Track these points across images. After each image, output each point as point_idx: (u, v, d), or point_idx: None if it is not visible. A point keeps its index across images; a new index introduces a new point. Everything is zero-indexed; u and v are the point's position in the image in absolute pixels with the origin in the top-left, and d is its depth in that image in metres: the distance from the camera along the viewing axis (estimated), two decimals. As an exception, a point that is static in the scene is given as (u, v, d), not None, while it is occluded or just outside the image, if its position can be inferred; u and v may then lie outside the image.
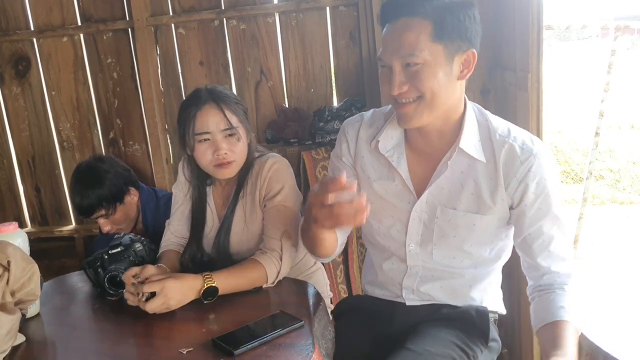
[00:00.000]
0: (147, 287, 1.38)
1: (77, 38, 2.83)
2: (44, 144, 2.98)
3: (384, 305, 1.54)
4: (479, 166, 1.33)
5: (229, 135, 1.61)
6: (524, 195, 1.31)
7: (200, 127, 1.60)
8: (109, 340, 1.36)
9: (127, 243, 1.61)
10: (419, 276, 1.47)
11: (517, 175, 1.30)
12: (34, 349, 1.32)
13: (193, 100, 1.63)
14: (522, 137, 1.33)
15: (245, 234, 1.70)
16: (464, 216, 1.36)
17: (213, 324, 1.35)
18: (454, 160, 1.34)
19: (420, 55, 1.23)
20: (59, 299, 1.61)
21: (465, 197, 1.35)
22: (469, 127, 1.34)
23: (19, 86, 2.92)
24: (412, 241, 1.43)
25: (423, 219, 1.40)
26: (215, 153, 1.60)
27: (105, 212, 2.19)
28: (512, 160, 1.30)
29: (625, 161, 6.60)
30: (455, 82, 1.28)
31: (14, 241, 1.38)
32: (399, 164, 1.40)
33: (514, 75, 2.00)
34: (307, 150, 2.43)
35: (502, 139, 1.32)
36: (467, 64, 1.28)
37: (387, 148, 1.41)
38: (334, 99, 2.71)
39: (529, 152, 1.30)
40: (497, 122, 1.37)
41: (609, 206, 5.49)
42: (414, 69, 1.24)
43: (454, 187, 1.36)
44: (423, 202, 1.39)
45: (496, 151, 1.32)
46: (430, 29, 1.22)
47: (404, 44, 1.24)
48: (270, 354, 1.18)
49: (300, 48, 2.66)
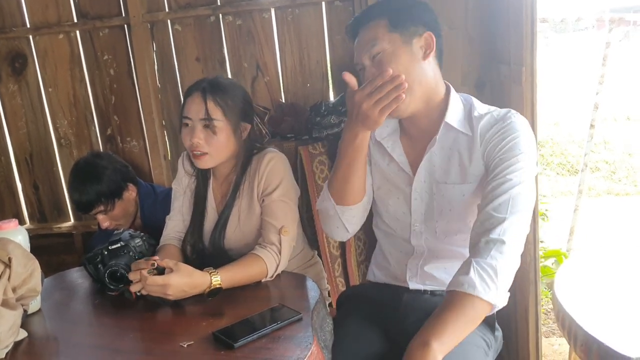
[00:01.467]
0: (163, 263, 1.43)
1: (73, 35, 2.82)
2: (42, 141, 2.98)
3: (388, 293, 1.57)
4: (462, 138, 1.44)
5: (205, 125, 1.64)
6: (494, 147, 1.39)
7: (185, 110, 1.68)
8: (110, 335, 1.37)
9: (127, 239, 1.62)
10: (423, 257, 1.53)
11: (490, 136, 1.40)
12: (36, 344, 1.34)
13: (193, 87, 1.70)
14: (500, 110, 1.45)
15: (242, 229, 1.72)
16: (453, 188, 1.46)
17: (213, 317, 1.37)
18: (442, 135, 1.45)
19: (380, 44, 1.39)
20: (59, 295, 1.62)
21: (452, 170, 1.45)
22: (454, 104, 1.46)
23: (16, 83, 2.92)
24: (417, 220, 1.52)
25: (424, 198, 1.50)
26: (191, 139, 1.65)
27: (103, 208, 2.21)
28: (488, 126, 1.42)
29: (620, 153, 6.63)
30: (420, 62, 1.41)
31: (14, 238, 1.40)
32: (394, 149, 1.53)
33: (508, 69, 2.02)
34: (304, 145, 2.44)
35: (482, 115, 1.44)
36: (428, 45, 1.41)
37: (382, 135, 1.55)
38: (330, 94, 2.72)
39: (502, 118, 1.41)
40: (480, 104, 1.49)
41: (605, 198, 5.51)
42: (378, 58, 1.40)
43: (443, 161, 1.46)
44: (420, 181, 1.49)
45: (475, 124, 1.43)
46: (386, 23, 1.40)
47: (366, 41, 1.43)
48: (270, 347, 1.19)
49: (296, 43, 2.67)
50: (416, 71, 1.40)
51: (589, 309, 1.66)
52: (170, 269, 1.42)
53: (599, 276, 1.90)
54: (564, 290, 1.79)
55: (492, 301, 1.23)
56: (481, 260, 1.24)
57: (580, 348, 1.56)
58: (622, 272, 1.90)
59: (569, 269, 1.99)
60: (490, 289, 1.22)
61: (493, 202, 1.31)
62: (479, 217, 1.33)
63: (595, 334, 1.50)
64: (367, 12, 1.47)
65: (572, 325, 1.61)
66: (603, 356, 1.45)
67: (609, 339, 1.46)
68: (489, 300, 1.22)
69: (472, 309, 1.22)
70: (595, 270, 1.95)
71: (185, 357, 1.19)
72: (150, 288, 1.39)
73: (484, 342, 1.44)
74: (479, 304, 1.22)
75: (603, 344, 1.46)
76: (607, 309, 1.67)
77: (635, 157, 6.48)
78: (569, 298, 1.72)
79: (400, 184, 1.54)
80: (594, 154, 6.22)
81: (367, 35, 1.43)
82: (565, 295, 1.75)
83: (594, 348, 1.49)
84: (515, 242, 1.28)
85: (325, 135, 2.46)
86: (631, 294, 1.75)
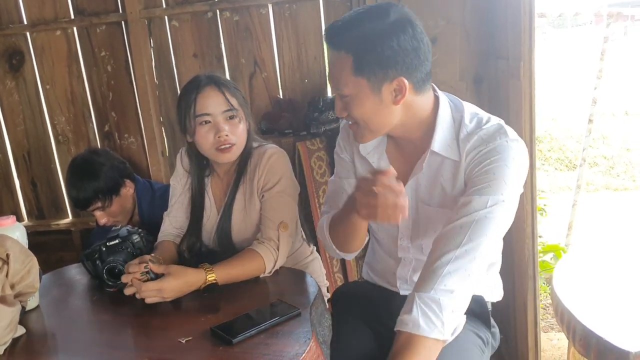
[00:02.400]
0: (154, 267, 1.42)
1: (70, 31, 2.81)
2: (39, 138, 2.97)
3: (382, 293, 1.56)
4: (448, 163, 1.33)
5: (229, 117, 1.63)
6: (473, 169, 1.28)
7: (200, 108, 1.61)
8: (108, 331, 1.37)
9: (125, 235, 1.62)
10: (412, 267, 1.49)
11: (472, 158, 1.29)
12: (34, 340, 1.34)
13: (194, 85, 1.65)
14: (489, 127, 1.30)
15: (246, 223, 1.72)
16: (437, 212, 1.37)
17: (211, 313, 1.36)
18: (428, 160, 1.35)
19: (345, 89, 1.27)
20: (57, 291, 1.62)
21: (436, 193, 1.37)
22: (441, 127, 1.33)
23: (13, 80, 2.91)
24: (404, 236, 1.46)
25: (411, 215, 1.41)
26: (217, 135, 1.61)
27: (101, 204, 2.20)
28: (473, 151, 1.29)
29: (619, 148, 6.63)
30: (390, 107, 1.28)
31: (12, 234, 1.40)
32: (379, 165, 1.43)
33: (506, 64, 2.02)
34: (302, 140, 2.44)
35: (469, 134, 1.31)
36: (400, 89, 1.26)
37: (367, 150, 1.45)
38: (328, 90, 2.71)
39: (489, 139, 1.28)
40: (472, 116, 1.34)
41: (603, 193, 5.52)
42: (344, 100, 1.30)
43: (429, 182, 1.38)
44: (406, 200, 1.39)
45: (461, 147, 1.31)
46: (351, 64, 1.24)
47: (332, 78, 1.32)
48: (268, 342, 1.19)
49: (294, 39, 2.66)
50: (383, 117, 1.30)
51: (587, 303, 1.66)
52: (163, 274, 1.42)
53: (597, 271, 1.90)
54: (562, 285, 1.79)
55: (439, 338, 1.17)
56: (424, 295, 1.18)
57: (579, 343, 1.56)
58: (620, 267, 1.90)
59: (567, 263, 1.99)
60: (435, 326, 1.16)
61: (454, 224, 1.23)
62: (437, 237, 1.26)
63: (594, 329, 1.51)
64: (335, 35, 1.27)
65: (570, 319, 1.61)
66: (602, 350, 1.45)
67: (607, 334, 1.47)
68: (435, 338, 1.17)
69: (423, 348, 1.16)
70: (593, 265, 1.95)
71: (184, 352, 1.19)
72: (146, 294, 1.39)
73: (479, 339, 1.43)
74: (427, 343, 1.17)
75: (602, 338, 1.46)
76: (605, 303, 1.67)
77: (634, 152, 6.48)
78: (568, 293, 1.73)
79: None
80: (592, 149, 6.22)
81: (332, 73, 1.31)
82: (563, 290, 1.75)
83: (593, 342, 1.49)
84: (466, 273, 1.20)
85: (323, 131, 2.46)
86: (630, 288, 1.75)
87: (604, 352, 1.45)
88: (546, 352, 2.54)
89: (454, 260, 1.19)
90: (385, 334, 1.47)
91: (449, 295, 1.18)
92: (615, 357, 1.41)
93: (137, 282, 1.40)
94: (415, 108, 1.32)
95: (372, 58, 1.23)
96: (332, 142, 2.46)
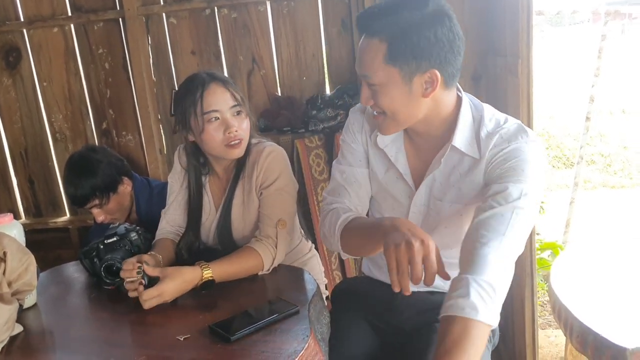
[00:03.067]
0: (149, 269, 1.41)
1: (67, 28, 2.81)
2: (37, 135, 2.97)
3: (382, 289, 1.56)
4: (467, 160, 1.33)
5: (237, 113, 1.63)
6: (497, 167, 1.28)
7: (208, 105, 1.60)
8: (107, 329, 1.37)
9: (123, 232, 1.62)
10: None
11: (492, 156, 1.29)
12: (32, 338, 1.33)
13: (197, 82, 1.63)
14: (509, 127, 1.31)
15: (245, 220, 1.71)
16: (450, 207, 1.37)
17: (209, 311, 1.37)
18: (447, 156, 1.34)
19: (375, 77, 1.25)
20: (55, 289, 1.62)
21: (450, 189, 1.36)
22: (463, 125, 1.32)
23: (10, 77, 2.91)
24: None
25: (422, 212, 1.41)
26: (227, 132, 1.60)
27: (98, 201, 2.20)
28: (495, 149, 1.29)
29: (616, 146, 6.65)
30: (419, 99, 1.27)
31: (9, 232, 1.39)
32: (397, 159, 1.41)
33: (504, 61, 2.02)
34: (301, 138, 2.44)
35: (490, 134, 1.30)
36: (431, 83, 1.25)
37: (385, 142, 1.41)
38: (326, 87, 2.71)
39: (509, 140, 1.28)
40: (491, 116, 1.34)
41: (600, 190, 5.53)
42: (373, 88, 1.27)
43: (444, 179, 1.36)
44: (421, 196, 1.40)
45: (482, 146, 1.30)
46: (385, 51, 1.22)
47: (362, 65, 1.27)
48: (267, 339, 1.19)
49: (292, 36, 2.66)
50: (411, 109, 1.28)
51: (585, 300, 1.66)
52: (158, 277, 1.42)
53: (594, 268, 1.91)
54: (560, 282, 1.80)
55: (493, 325, 1.11)
56: (479, 278, 1.11)
57: (576, 339, 1.57)
58: (617, 264, 1.91)
59: (565, 261, 1.99)
60: (491, 312, 1.10)
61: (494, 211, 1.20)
62: (474, 227, 1.21)
63: (591, 325, 1.51)
64: (370, 21, 1.24)
65: (568, 316, 1.61)
66: (599, 347, 1.46)
67: (604, 330, 1.47)
68: (489, 325, 1.10)
69: (479, 334, 1.08)
70: (591, 262, 1.96)
71: (182, 350, 1.19)
72: (148, 303, 1.38)
73: None
74: (484, 329, 1.09)
75: (599, 335, 1.47)
76: (603, 300, 1.68)
77: (631, 149, 6.49)
78: (565, 290, 1.73)
79: (398, 195, 1.44)
80: (590, 147, 6.24)
81: (364, 59, 1.27)
82: (561, 287, 1.76)
83: (590, 339, 1.50)
84: (509, 261, 1.17)
85: (321, 129, 2.46)
86: (626, 285, 1.75)
87: (601, 349, 1.45)
88: (544, 349, 2.55)
89: (500, 248, 1.15)
90: (386, 330, 1.47)
91: (501, 282, 1.13)
92: (612, 353, 1.41)
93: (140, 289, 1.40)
94: (442, 104, 1.31)
95: (406, 47, 1.20)
96: (331, 140, 2.47)
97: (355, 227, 1.36)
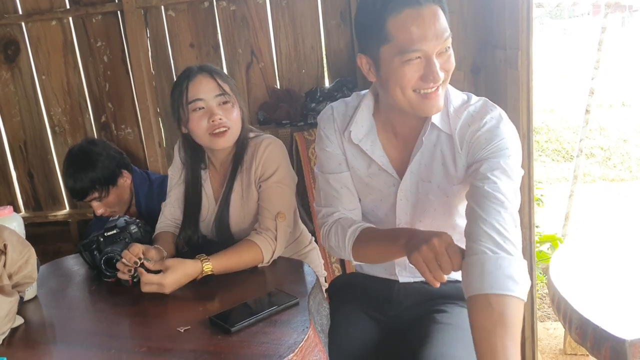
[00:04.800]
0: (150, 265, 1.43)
1: (66, 22, 2.80)
2: (36, 129, 2.97)
3: (378, 283, 1.56)
4: (443, 137, 1.35)
5: (222, 102, 1.63)
6: (475, 150, 1.30)
7: (193, 94, 1.61)
8: (107, 321, 1.37)
9: (123, 225, 1.62)
10: None
11: (470, 137, 1.30)
12: (32, 330, 1.34)
13: (185, 74, 1.65)
14: (476, 104, 1.34)
15: (244, 213, 1.72)
16: (437, 188, 1.38)
17: (210, 302, 1.37)
18: (428, 135, 1.35)
19: (450, 37, 1.24)
20: (55, 282, 1.62)
21: (436, 169, 1.37)
22: None
23: (9, 71, 2.90)
24: (402, 221, 1.45)
25: (410, 198, 1.42)
26: (211, 119, 1.61)
27: (98, 194, 2.20)
28: (466, 127, 1.31)
29: (615, 139, 6.64)
30: None
31: (9, 225, 1.39)
32: (373, 151, 1.41)
33: (504, 53, 2.01)
34: (299, 131, 2.44)
35: (457, 110, 1.34)
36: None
37: (359, 137, 1.42)
38: (325, 80, 2.71)
39: (479, 117, 1.31)
40: (455, 95, 1.37)
41: (600, 184, 5.53)
42: (447, 52, 1.24)
43: (428, 160, 1.37)
44: (407, 182, 1.40)
45: (452, 122, 1.33)
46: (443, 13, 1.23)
47: (439, 32, 1.21)
48: (267, 331, 1.20)
49: (291, 29, 2.65)
50: None
51: (583, 293, 1.67)
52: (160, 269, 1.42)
53: (593, 261, 1.91)
54: (559, 275, 1.80)
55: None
56: (513, 259, 1.13)
57: (575, 331, 1.58)
58: (616, 257, 1.91)
59: (564, 254, 2.00)
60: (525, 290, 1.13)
61: (492, 188, 1.21)
62: (478, 200, 1.21)
63: (590, 318, 1.52)
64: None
65: (567, 309, 1.62)
66: (598, 339, 1.47)
67: (603, 322, 1.48)
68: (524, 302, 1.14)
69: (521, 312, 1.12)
70: (590, 255, 1.96)
71: (182, 341, 1.20)
72: (147, 288, 1.40)
73: None
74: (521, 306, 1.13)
75: (598, 327, 1.47)
76: (602, 292, 1.68)
77: (630, 143, 6.49)
78: (564, 282, 1.74)
79: (382, 187, 1.44)
80: (589, 140, 6.23)
81: (441, 23, 1.21)
82: (560, 279, 1.77)
83: (589, 331, 1.50)
84: (519, 238, 1.20)
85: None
86: (625, 278, 1.76)
87: (600, 340, 1.46)
88: (543, 341, 2.56)
89: (511, 222, 1.18)
90: (385, 321, 1.48)
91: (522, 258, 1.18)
92: (611, 345, 1.42)
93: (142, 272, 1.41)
94: None
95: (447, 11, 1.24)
96: (330, 133, 2.46)
97: (368, 240, 1.39)
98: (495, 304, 1.09)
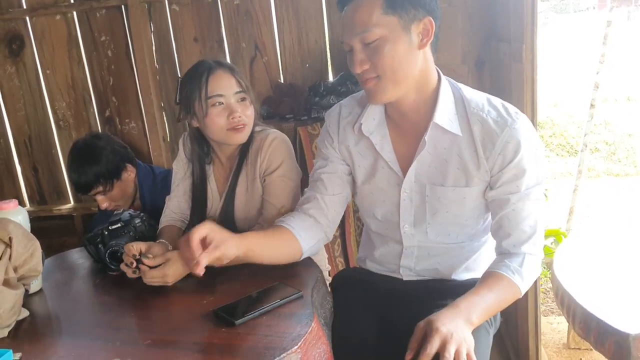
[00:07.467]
0: (150, 262, 1.42)
1: (70, 16, 2.80)
2: (40, 123, 2.97)
3: (382, 279, 1.57)
4: (460, 140, 1.33)
5: (241, 99, 1.64)
6: (502, 163, 1.31)
7: (213, 89, 1.62)
8: (111, 313, 1.38)
9: (127, 219, 1.63)
10: (415, 256, 1.49)
11: (495, 147, 1.30)
12: (37, 322, 1.35)
13: (204, 68, 1.65)
14: (496, 108, 1.33)
15: (248, 207, 1.72)
16: (453, 191, 1.37)
17: (214, 295, 1.37)
18: (433, 135, 1.34)
19: (375, 31, 1.24)
20: (60, 275, 1.63)
21: (452, 173, 1.36)
22: (443, 100, 1.34)
23: (13, 65, 2.90)
24: (406, 222, 1.45)
25: (414, 199, 1.41)
26: (231, 116, 1.61)
27: (102, 188, 2.21)
28: (489, 135, 1.30)
29: (620, 133, 6.61)
30: (416, 52, 1.28)
31: (14, 218, 1.40)
32: (382, 147, 1.41)
33: (508, 47, 2.00)
34: (303, 125, 2.43)
35: (477, 113, 1.32)
36: (426, 32, 1.27)
37: (370, 130, 1.42)
38: (329, 74, 2.70)
39: (504, 124, 1.30)
40: (471, 95, 1.36)
41: (604, 178, 5.51)
42: (373, 45, 1.26)
43: (439, 163, 1.36)
44: (411, 182, 1.40)
45: (471, 125, 1.32)
46: (382, 3, 1.23)
47: (356, 24, 1.26)
48: (271, 324, 1.20)
49: (295, 23, 2.65)
50: (409, 63, 1.28)
51: (587, 287, 1.66)
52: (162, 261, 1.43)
53: (597, 255, 1.91)
54: (563, 269, 1.80)
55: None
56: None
57: (579, 326, 1.57)
58: (620, 252, 1.91)
59: (568, 248, 2.00)
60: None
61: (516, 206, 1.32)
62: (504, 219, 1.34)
63: (594, 312, 1.51)
64: None
65: (571, 303, 1.62)
66: (602, 333, 1.46)
67: (607, 316, 1.47)
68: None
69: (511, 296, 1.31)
70: (593, 250, 1.96)
71: (187, 334, 1.20)
72: (150, 280, 1.41)
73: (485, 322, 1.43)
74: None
75: (602, 321, 1.47)
76: (605, 287, 1.68)
77: (636, 137, 6.46)
78: (568, 277, 1.73)
79: (387, 186, 1.44)
80: (594, 135, 6.20)
81: (359, 15, 1.25)
82: (564, 274, 1.76)
83: (593, 325, 1.50)
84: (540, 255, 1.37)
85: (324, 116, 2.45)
86: (629, 272, 1.75)
87: (604, 335, 1.45)
88: (546, 336, 2.55)
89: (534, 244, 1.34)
90: (388, 315, 1.48)
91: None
92: (614, 339, 1.42)
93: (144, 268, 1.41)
94: (430, 66, 1.33)
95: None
96: (334, 127, 2.46)
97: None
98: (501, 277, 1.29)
